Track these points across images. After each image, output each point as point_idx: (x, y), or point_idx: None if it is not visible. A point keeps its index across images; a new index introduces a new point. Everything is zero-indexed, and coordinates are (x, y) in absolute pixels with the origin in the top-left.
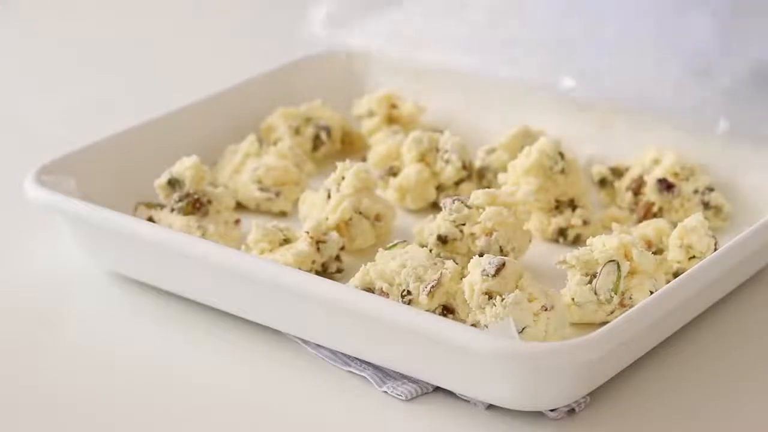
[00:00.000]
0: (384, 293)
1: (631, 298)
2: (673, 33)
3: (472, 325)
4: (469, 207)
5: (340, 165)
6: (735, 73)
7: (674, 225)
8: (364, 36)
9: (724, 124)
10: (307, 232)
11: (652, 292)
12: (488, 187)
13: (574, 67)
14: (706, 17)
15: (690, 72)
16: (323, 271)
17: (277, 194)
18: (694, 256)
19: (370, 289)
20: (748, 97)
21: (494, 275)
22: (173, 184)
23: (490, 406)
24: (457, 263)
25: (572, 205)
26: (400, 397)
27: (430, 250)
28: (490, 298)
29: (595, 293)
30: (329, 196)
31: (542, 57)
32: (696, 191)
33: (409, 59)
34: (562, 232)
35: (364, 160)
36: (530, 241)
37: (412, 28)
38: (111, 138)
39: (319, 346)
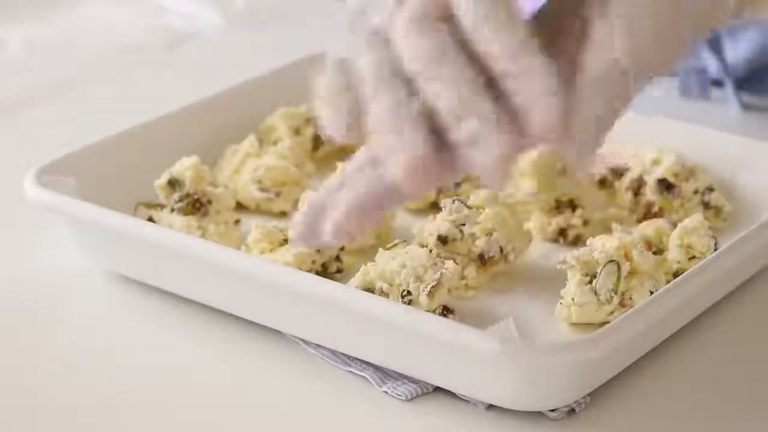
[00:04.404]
0: (384, 293)
1: (631, 298)
2: None
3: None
4: (469, 207)
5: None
6: None
7: (674, 225)
8: None
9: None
10: None
11: (652, 292)
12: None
13: None
14: None
15: None
16: (323, 271)
17: (277, 194)
18: (694, 256)
19: (370, 289)
20: None
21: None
22: (173, 184)
23: (490, 406)
24: (457, 263)
25: (572, 205)
26: (400, 397)
27: (430, 251)
28: None
29: (595, 293)
30: None
31: None
32: (696, 191)
33: None
34: (562, 232)
35: None
36: (530, 241)
37: None
38: (111, 138)
39: (319, 346)
